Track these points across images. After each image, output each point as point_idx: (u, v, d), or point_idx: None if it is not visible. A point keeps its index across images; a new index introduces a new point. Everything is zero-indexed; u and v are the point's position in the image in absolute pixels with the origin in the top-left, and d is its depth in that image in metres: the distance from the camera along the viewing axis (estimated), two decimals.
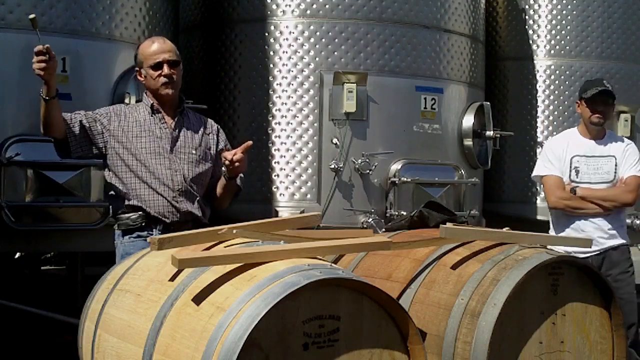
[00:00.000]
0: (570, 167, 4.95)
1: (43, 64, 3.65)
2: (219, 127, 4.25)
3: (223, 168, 3.99)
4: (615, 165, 4.90)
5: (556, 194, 4.93)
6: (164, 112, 4.02)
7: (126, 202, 3.94)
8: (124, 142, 3.93)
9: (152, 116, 4.00)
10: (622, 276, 4.79)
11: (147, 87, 4.05)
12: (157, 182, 3.91)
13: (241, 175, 4.09)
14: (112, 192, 4.04)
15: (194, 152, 4.02)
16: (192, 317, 2.59)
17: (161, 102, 4.01)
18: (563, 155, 4.98)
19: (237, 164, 3.86)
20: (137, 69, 4.08)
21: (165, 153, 3.95)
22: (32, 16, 3.80)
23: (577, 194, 4.85)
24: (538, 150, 7.21)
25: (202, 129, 4.12)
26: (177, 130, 4.02)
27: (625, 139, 5.15)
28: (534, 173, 5.14)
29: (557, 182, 4.94)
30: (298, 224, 3.37)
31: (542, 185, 5.29)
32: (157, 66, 3.95)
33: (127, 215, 3.94)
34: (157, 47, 3.99)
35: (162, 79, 3.94)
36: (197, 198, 4.00)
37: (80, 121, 3.91)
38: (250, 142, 3.92)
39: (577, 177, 4.93)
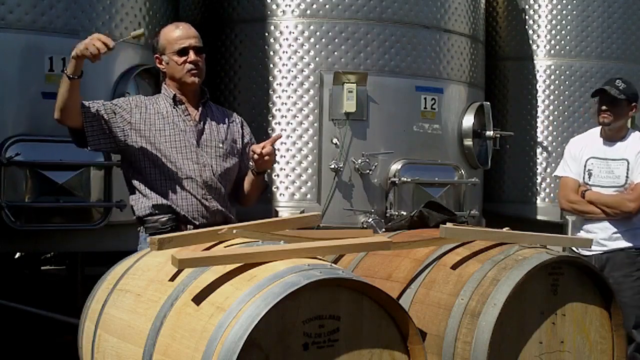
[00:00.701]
0: (585, 169, 4.89)
1: (102, 50, 3.43)
2: (242, 119, 4.04)
3: (251, 162, 3.76)
4: (628, 169, 4.79)
5: (567, 197, 4.90)
6: (187, 103, 3.77)
7: (153, 202, 3.68)
8: (148, 136, 3.67)
9: (174, 108, 3.74)
10: (624, 279, 4.69)
11: (169, 76, 3.78)
12: (185, 179, 3.67)
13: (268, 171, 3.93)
14: (135, 192, 3.76)
15: (221, 145, 3.77)
16: (192, 317, 2.59)
17: (184, 92, 3.76)
18: (579, 156, 4.92)
19: (266, 157, 3.62)
20: (156, 55, 3.80)
21: (192, 147, 3.70)
22: (140, 32, 3.70)
23: (585, 198, 4.81)
24: (538, 150, 7.22)
25: (226, 122, 3.88)
26: (202, 123, 3.77)
27: None
28: (554, 174, 5.10)
29: (570, 185, 4.89)
30: (298, 224, 3.37)
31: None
32: (183, 52, 3.70)
33: (155, 217, 3.68)
34: (182, 32, 3.74)
35: (188, 66, 3.70)
36: (225, 195, 3.78)
37: (98, 111, 3.64)
38: (280, 134, 3.73)
39: (589, 180, 4.87)
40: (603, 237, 4.74)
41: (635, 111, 4.95)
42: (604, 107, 4.80)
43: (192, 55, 3.70)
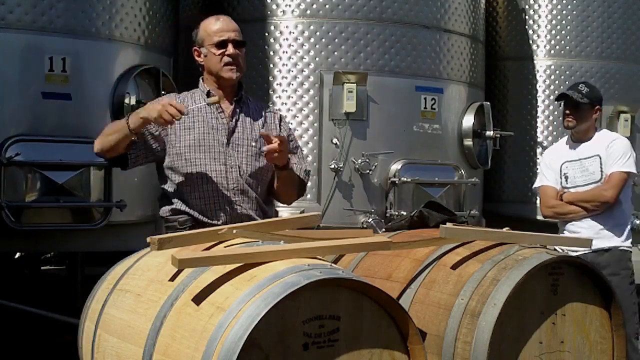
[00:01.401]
0: (561, 174, 4.96)
1: (177, 118, 3.38)
2: (282, 115, 3.90)
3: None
4: (601, 163, 4.85)
5: (546, 204, 4.97)
6: (222, 98, 3.67)
7: (173, 207, 3.63)
8: (173, 139, 3.61)
9: (208, 104, 3.66)
10: (611, 278, 4.68)
11: (207, 69, 3.69)
12: (209, 182, 3.56)
13: (307, 168, 3.79)
14: (161, 193, 3.72)
15: (253, 144, 3.63)
16: (192, 317, 2.59)
17: (221, 87, 3.67)
18: (554, 164, 5.00)
19: (275, 154, 3.45)
20: (195, 47, 3.72)
21: (220, 146, 3.60)
22: (215, 99, 3.61)
23: (564, 200, 4.86)
24: (538, 151, 7.22)
25: (262, 119, 3.73)
26: (234, 120, 3.65)
27: (614, 135, 5.09)
28: (533, 186, 5.18)
29: (548, 192, 4.96)
30: (298, 224, 3.36)
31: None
32: (221, 45, 3.60)
33: (175, 217, 3.61)
34: (222, 25, 3.65)
35: (226, 59, 3.59)
36: (256, 197, 3.64)
37: (144, 139, 3.60)
38: (284, 136, 3.51)
39: (567, 183, 4.94)
40: (589, 235, 4.75)
41: (599, 114, 5.02)
42: (567, 112, 4.91)
43: (230, 49, 3.60)
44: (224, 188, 3.58)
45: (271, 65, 6.00)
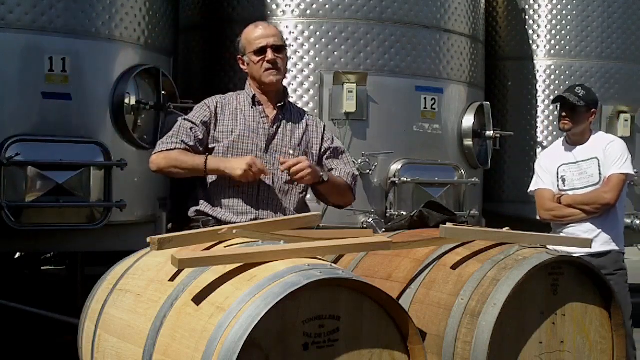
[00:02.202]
0: (558, 177, 4.95)
1: (255, 177, 3.49)
2: (325, 125, 3.94)
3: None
4: (599, 166, 4.84)
5: (544, 206, 4.95)
6: (266, 104, 3.72)
7: (199, 207, 3.67)
8: (214, 138, 3.67)
9: (252, 108, 3.71)
10: (608, 278, 4.71)
11: (251, 76, 3.76)
12: (239, 186, 3.59)
13: (354, 172, 3.82)
14: (195, 195, 3.74)
15: (291, 152, 3.66)
16: (192, 317, 2.59)
17: (265, 92, 3.73)
18: (550, 167, 4.99)
19: (298, 175, 3.50)
20: (239, 56, 3.79)
21: (258, 152, 3.63)
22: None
23: (562, 203, 4.85)
24: (538, 150, 7.22)
25: (304, 126, 3.78)
26: (275, 126, 3.70)
27: (610, 137, 5.08)
28: (529, 190, 5.16)
29: (545, 195, 4.95)
30: (298, 224, 3.36)
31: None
32: (260, 51, 3.66)
33: (199, 217, 3.66)
34: (261, 32, 3.70)
35: (266, 65, 3.65)
36: (286, 207, 3.65)
37: (197, 145, 3.64)
38: (300, 159, 3.54)
39: (564, 186, 4.92)
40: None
41: (595, 117, 5.01)
42: (563, 114, 4.89)
43: (269, 54, 3.66)
44: (254, 195, 3.62)
45: None
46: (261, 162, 3.54)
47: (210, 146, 3.68)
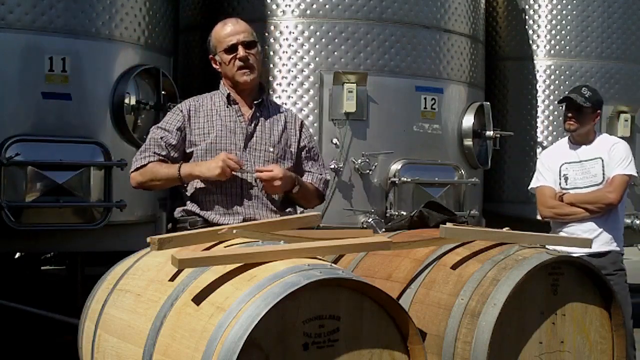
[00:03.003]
0: (560, 175, 4.95)
1: (236, 172, 3.45)
2: (303, 121, 3.85)
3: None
4: (603, 166, 4.85)
5: (545, 204, 4.94)
6: (242, 102, 3.64)
7: (186, 207, 3.60)
8: (191, 141, 3.60)
9: (227, 108, 3.62)
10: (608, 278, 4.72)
11: (224, 75, 3.67)
12: (222, 185, 3.52)
13: (326, 177, 3.78)
14: (178, 196, 3.70)
15: (271, 149, 3.59)
16: (192, 317, 2.59)
17: (239, 90, 3.63)
18: (553, 165, 4.98)
19: (274, 182, 3.46)
20: (210, 56, 3.70)
21: (237, 150, 3.56)
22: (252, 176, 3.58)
23: (565, 201, 4.85)
24: (538, 150, 7.22)
25: (282, 123, 3.68)
26: (253, 124, 3.62)
27: (614, 139, 5.09)
28: (529, 187, 5.16)
29: (547, 193, 4.94)
30: (298, 224, 3.36)
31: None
32: (231, 49, 3.57)
33: (185, 218, 3.60)
34: (230, 29, 3.60)
35: (238, 63, 3.56)
36: (271, 203, 3.59)
37: (171, 153, 3.59)
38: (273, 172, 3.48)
39: (566, 184, 4.92)
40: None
41: (600, 118, 5.03)
42: (569, 115, 4.89)
43: (240, 52, 3.56)
44: (238, 192, 3.55)
45: (271, 65, 6.00)
46: (234, 156, 3.49)
47: (188, 150, 3.61)
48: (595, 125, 5.06)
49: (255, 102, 3.66)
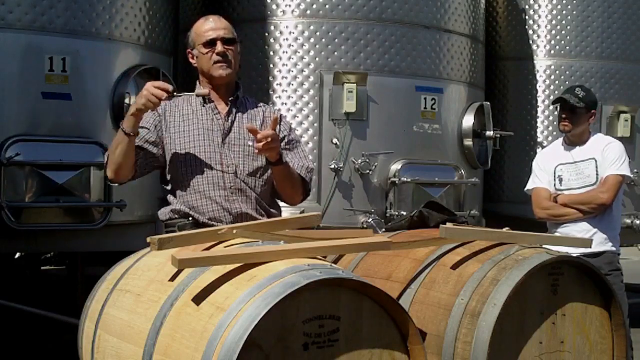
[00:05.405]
0: (554, 176, 4.96)
1: (162, 97, 3.34)
2: (281, 114, 3.76)
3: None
4: (596, 167, 4.84)
5: (540, 205, 4.95)
6: (218, 100, 3.61)
7: (172, 208, 3.57)
8: (169, 142, 3.57)
9: (203, 106, 3.60)
10: None
11: (200, 70, 3.64)
12: (205, 183, 3.51)
13: (309, 165, 3.71)
14: (162, 197, 3.69)
15: (250, 143, 3.53)
16: (192, 317, 2.59)
17: (215, 87, 3.61)
18: (548, 166, 4.99)
19: (268, 140, 3.31)
20: (188, 50, 3.66)
21: (216, 147, 3.54)
22: (204, 91, 3.57)
23: (558, 202, 4.86)
24: (538, 150, 7.22)
25: (261, 117, 3.66)
26: (230, 120, 3.59)
27: (608, 139, 5.07)
28: (525, 189, 5.16)
29: (542, 194, 4.95)
30: (298, 224, 3.36)
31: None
32: (210, 43, 3.54)
33: (174, 221, 3.55)
34: (211, 24, 3.58)
35: (215, 57, 3.53)
36: (255, 197, 3.57)
37: (145, 147, 3.56)
38: (277, 116, 3.45)
39: (561, 185, 4.93)
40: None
41: (594, 118, 5.01)
42: (563, 115, 4.89)
43: (219, 46, 3.54)
44: (221, 188, 3.52)
45: (271, 65, 6.01)
46: (160, 82, 3.44)
47: (163, 141, 3.59)
48: (595, 125, 5.06)
49: (230, 98, 3.64)
